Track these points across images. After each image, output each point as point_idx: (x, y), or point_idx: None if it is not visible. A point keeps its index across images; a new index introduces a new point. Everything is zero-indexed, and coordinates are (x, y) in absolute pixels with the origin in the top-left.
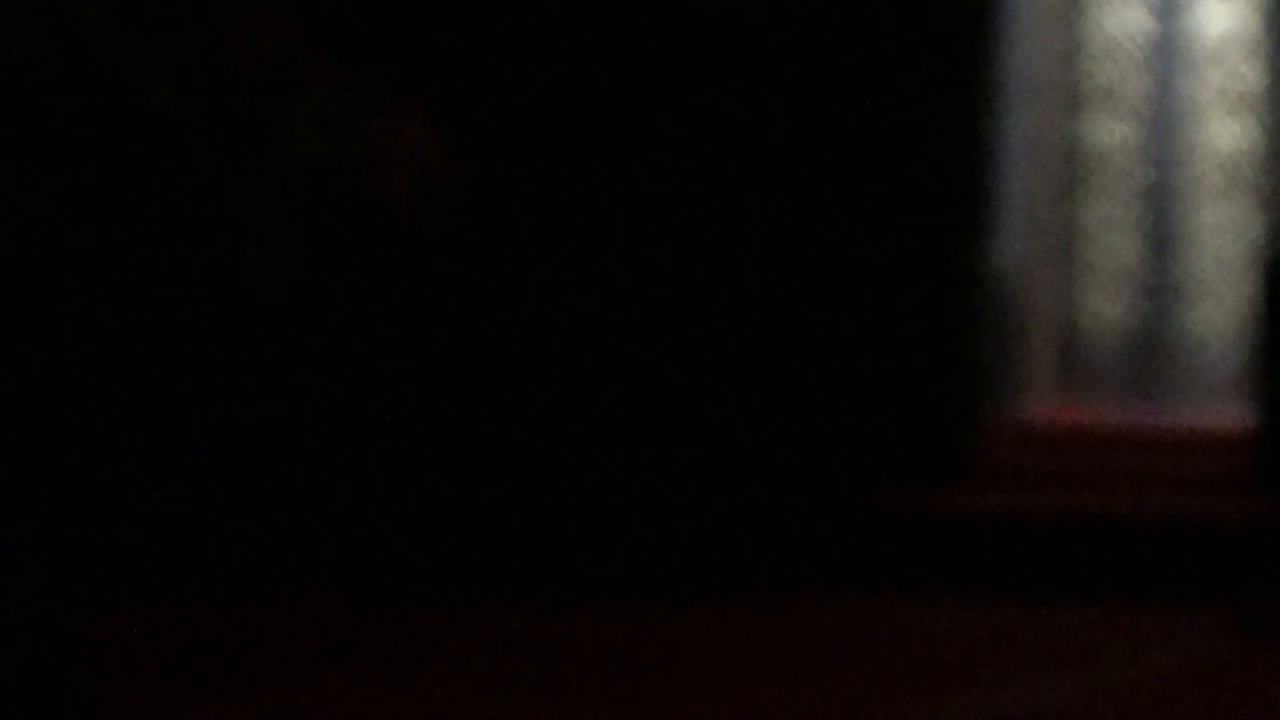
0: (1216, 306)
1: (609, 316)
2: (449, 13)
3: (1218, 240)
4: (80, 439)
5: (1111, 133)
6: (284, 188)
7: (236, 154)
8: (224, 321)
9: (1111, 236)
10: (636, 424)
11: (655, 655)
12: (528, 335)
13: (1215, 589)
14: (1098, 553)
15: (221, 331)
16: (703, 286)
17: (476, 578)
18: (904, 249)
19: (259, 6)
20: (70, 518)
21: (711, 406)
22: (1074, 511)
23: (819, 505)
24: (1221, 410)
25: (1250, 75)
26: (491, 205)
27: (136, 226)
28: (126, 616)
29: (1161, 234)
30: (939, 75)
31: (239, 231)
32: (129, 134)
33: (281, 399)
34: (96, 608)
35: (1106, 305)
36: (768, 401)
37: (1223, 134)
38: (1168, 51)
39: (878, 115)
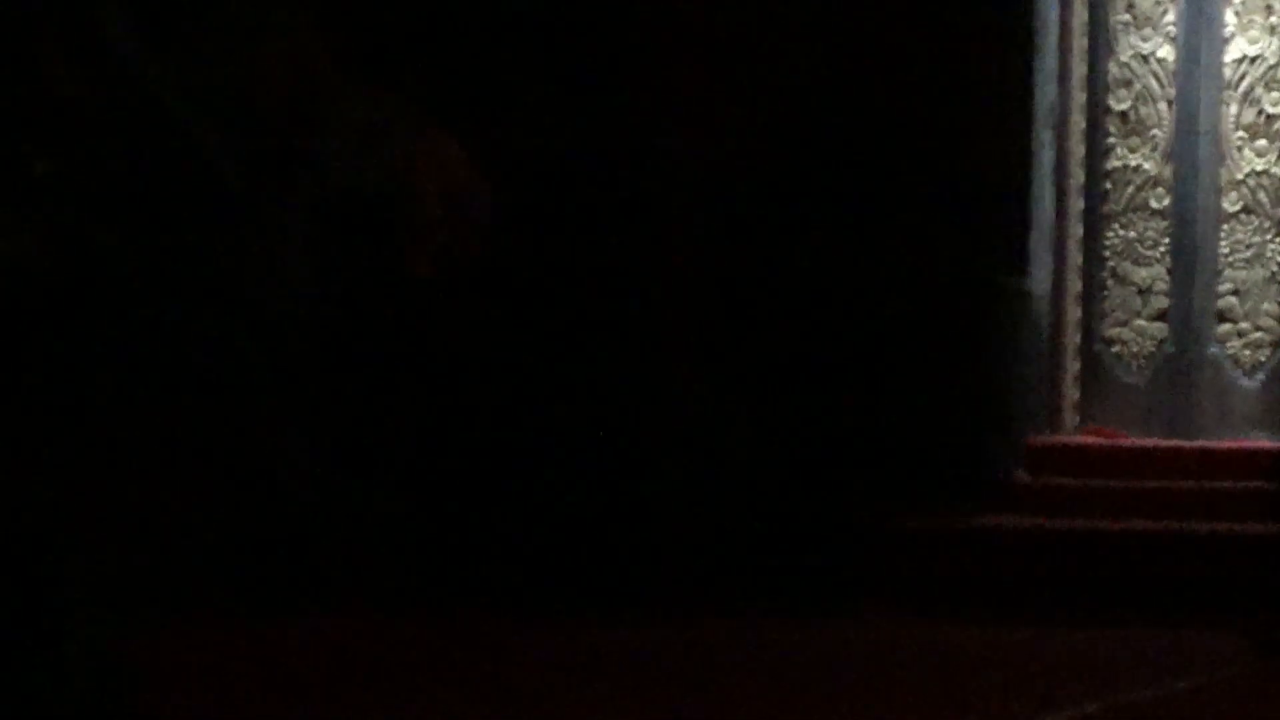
0: (1242, 331)
1: (640, 339)
2: (475, 36)
3: (1242, 265)
4: (121, 463)
5: (1138, 159)
6: (315, 212)
7: (267, 179)
8: (260, 345)
9: (1137, 262)
10: (669, 448)
11: (691, 674)
12: (556, 358)
13: (1238, 610)
14: (1124, 574)
15: (258, 355)
16: (735, 310)
17: (509, 598)
18: (936, 273)
19: (287, 34)
20: (120, 541)
21: (743, 429)
22: (1100, 533)
23: (848, 526)
24: (1246, 435)
25: (1272, 101)
26: (520, 226)
27: (171, 252)
28: (175, 638)
29: (1187, 259)
30: (970, 105)
31: (272, 256)
32: (162, 161)
33: (315, 421)
34: (146, 630)
35: (1134, 330)
36: (799, 424)
37: (1247, 160)
38: (1192, 79)
39: (910, 142)
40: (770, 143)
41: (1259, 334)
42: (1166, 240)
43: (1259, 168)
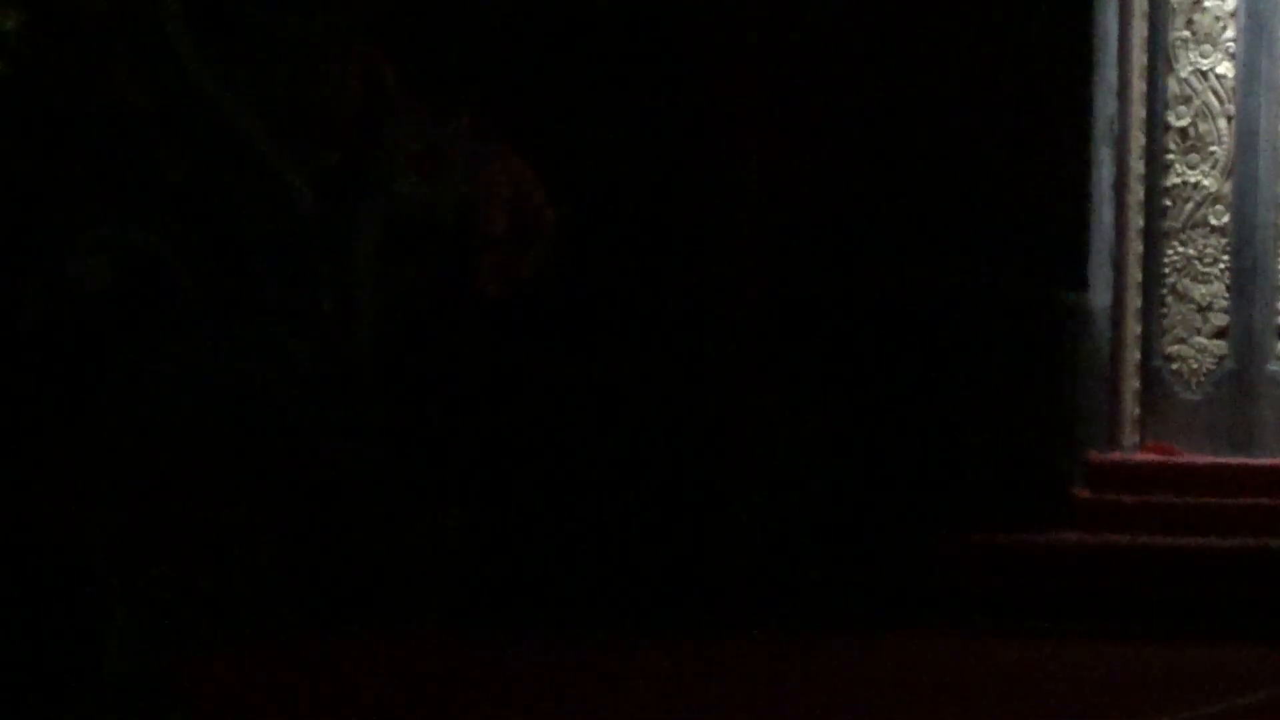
0: None
1: (703, 358)
2: (540, 57)
3: None
4: (177, 484)
5: (1197, 176)
6: (384, 230)
7: (337, 197)
8: (324, 362)
9: (1197, 279)
10: (730, 466)
11: (753, 692)
12: (622, 376)
13: None
14: (1185, 590)
15: (322, 372)
16: (796, 328)
17: (574, 616)
18: (996, 290)
19: (356, 53)
20: (172, 563)
21: (806, 446)
22: (1161, 550)
23: (907, 544)
24: None
25: None
26: (585, 245)
27: (237, 270)
28: (226, 659)
29: (1247, 276)
30: (1030, 121)
31: (340, 274)
32: (230, 177)
33: (376, 440)
34: (204, 648)
35: (1193, 347)
36: (862, 442)
37: None
38: (1251, 95)
39: (970, 158)
40: (831, 162)
41: None
42: (1226, 257)
43: None
